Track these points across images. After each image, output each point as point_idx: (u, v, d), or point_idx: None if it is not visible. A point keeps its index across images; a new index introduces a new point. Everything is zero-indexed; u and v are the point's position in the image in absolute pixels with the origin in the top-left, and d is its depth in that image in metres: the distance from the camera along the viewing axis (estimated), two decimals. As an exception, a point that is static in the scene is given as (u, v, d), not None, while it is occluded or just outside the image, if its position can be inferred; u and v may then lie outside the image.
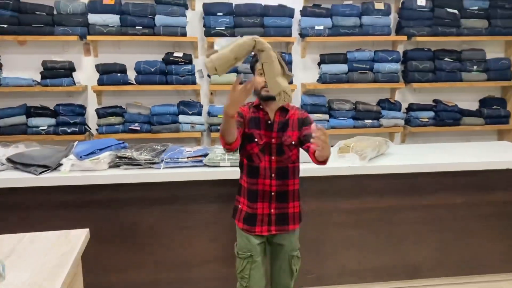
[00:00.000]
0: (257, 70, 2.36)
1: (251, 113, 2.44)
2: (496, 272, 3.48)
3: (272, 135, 2.42)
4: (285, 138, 2.42)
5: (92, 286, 2.57)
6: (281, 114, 2.44)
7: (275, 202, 2.45)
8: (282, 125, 2.43)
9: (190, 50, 4.70)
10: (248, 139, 2.43)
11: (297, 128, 2.45)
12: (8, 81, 4.32)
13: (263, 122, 2.43)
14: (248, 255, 2.47)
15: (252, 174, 2.45)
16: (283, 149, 2.42)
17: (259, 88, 2.36)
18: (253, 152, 2.42)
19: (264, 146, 2.41)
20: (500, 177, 3.33)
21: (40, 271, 1.63)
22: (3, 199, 2.86)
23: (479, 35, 4.86)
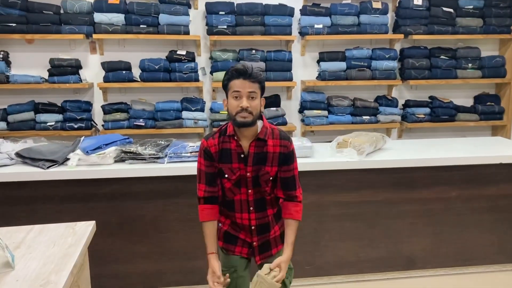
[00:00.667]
0: (230, 91, 2.04)
1: (221, 145, 2.12)
2: (488, 263, 3.55)
3: (247, 169, 2.12)
4: (262, 173, 2.13)
5: (98, 276, 2.66)
6: (257, 145, 2.11)
7: (256, 235, 2.23)
8: (258, 159, 2.12)
9: (193, 48, 4.78)
10: (219, 174, 2.16)
11: (277, 164, 2.14)
12: (16, 78, 4.41)
13: (235, 154, 2.10)
14: (232, 270, 2.27)
15: (228, 207, 2.22)
16: (259, 182, 2.14)
17: (233, 114, 2.03)
18: (226, 187, 2.16)
19: (238, 180, 2.14)
20: (493, 172, 3.40)
21: (48, 262, 1.67)
22: (12, 192, 2.93)
23: (474, 34, 4.94)
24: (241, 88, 2.00)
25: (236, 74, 2.01)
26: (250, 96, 2.01)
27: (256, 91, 2.03)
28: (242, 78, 2.00)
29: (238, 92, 2.01)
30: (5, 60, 4.45)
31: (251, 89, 2.01)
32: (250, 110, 2.00)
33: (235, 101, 2.02)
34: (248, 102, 2.00)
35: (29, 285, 1.51)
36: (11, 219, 2.87)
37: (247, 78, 2.00)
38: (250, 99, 2.01)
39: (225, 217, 2.29)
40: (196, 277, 3.22)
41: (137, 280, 3.19)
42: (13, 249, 1.76)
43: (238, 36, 4.60)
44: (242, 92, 2.00)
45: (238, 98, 2.02)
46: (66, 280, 1.55)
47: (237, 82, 2.01)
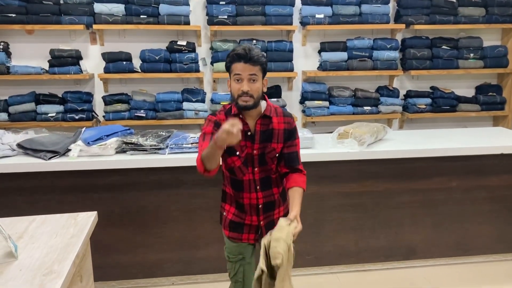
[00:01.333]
0: (232, 74, 2.09)
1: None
2: (489, 253, 3.58)
3: (254, 146, 2.16)
4: (268, 150, 2.18)
5: (100, 266, 2.68)
6: (263, 123, 2.16)
7: (263, 214, 2.26)
8: (265, 136, 2.17)
9: (193, 38, 4.77)
10: (228, 152, 2.15)
11: (282, 140, 2.20)
12: (17, 69, 4.41)
13: (242, 133, 2.04)
14: (240, 257, 2.30)
15: (236, 187, 2.24)
16: (265, 160, 2.19)
17: (235, 96, 2.08)
18: (235, 166, 2.18)
19: (246, 158, 2.17)
20: (494, 162, 3.40)
21: (50, 252, 1.69)
22: (14, 183, 2.94)
23: (476, 23, 4.91)
24: (242, 71, 2.04)
25: (237, 57, 2.04)
26: (251, 79, 2.05)
27: (257, 73, 2.06)
28: (243, 62, 2.03)
29: (239, 75, 2.05)
30: (5, 51, 4.44)
31: (251, 72, 2.04)
32: (251, 93, 2.05)
33: (236, 84, 2.06)
34: (249, 86, 2.04)
35: (32, 275, 1.52)
36: (13, 209, 2.89)
37: (247, 61, 2.03)
38: (251, 82, 2.05)
39: (229, 204, 2.32)
40: (197, 267, 3.25)
41: (139, 270, 3.21)
42: (15, 239, 1.77)
43: (239, 26, 4.58)
44: (243, 75, 2.04)
45: (239, 81, 2.06)
46: (69, 269, 1.57)
47: (238, 65, 2.04)
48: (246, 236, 2.29)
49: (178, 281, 3.25)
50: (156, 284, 3.23)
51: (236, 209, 2.29)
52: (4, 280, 1.49)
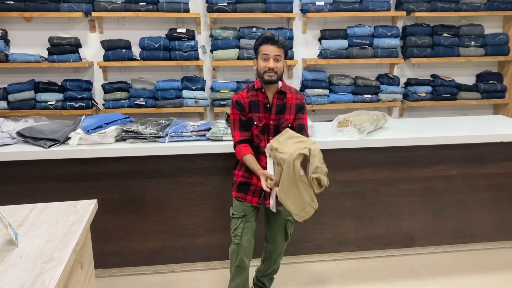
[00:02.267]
0: (260, 54, 2.47)
1: (250, 97, 2.55)
2: (487, 240, 3.60)
3: (271, 117, 2.54)
4: (282, 121, 2.55)
5: (101, 253, 2.71)
6: (279, 97, 2.55)
7: None
8: (280, 108, 2.55)
9: (193, 26, 4.75)
10: (248, 123, 2.55)
11: (294, 112, 2.58)
12: (16, 57, 4.40)
13: (262, 105, 2.54)
14: (242, 214, 2.59)
15: (256, 151, 2.56)
16: (279, 130, 2.52)
17: (262, 72, 2.46)
18: (253, 133, 2.55)
19: (263, 127, 2.55)
20: (494, 150, 3.40)
21: (51, 239, 1.69)
22: (14, 171, 2.95)
23: (477, 10, 4.88)
24: (269, 52, 2.44)
25: (265, 40, 2.45)
26: (276, 58, 2.45)
27: (281, 55, 2.47)
28: (270, 44, 2.44)
29: (267, 55, 2.45)
30: (3, 39, 4.43)
31: (277, 53, 2.44)
32: (276, 70, 2.45)
33: (263, 62, 2.46)
34: (274, 64, 2.44)
35: (32, 262, 1.53)
36: (14, 197, 2.90)
37: (274, 43, 2.43)
38: (276, 61, 2.45)
39: (238, 169, 2.65)
40: (197, 254, 3.27)
41: (139, 258, 3.23)
42: (16, 227, 1.77)
43: (239, 13, 4.56)
44: (270, 55, 2.44)
45: (266, 60, 2.45)
46: (69, 257, 1.57)
47: (266, 47, 2.45)
48: (250, 197, 2.60)
49: (178, 268, 3.28)
50: (156, 271, 3.25)
51: (245, 171, 2.60)
52: (5, 268, 1.50)
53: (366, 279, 3.21)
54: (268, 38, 2.44)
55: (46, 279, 1.43)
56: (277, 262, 2.83)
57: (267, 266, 2.85)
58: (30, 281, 1.42)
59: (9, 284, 1.40)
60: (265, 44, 2.45)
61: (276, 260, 2.81)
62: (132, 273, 3.23)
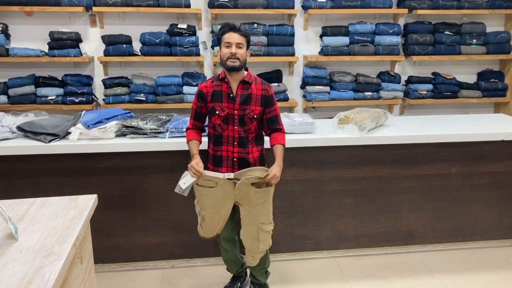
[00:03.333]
0: (223, 42, 2.51)
1: (214, 87, 2.59)
2: (487, 239, 3.60)
3: (235, 107, 2.56)
4: (247, 112, 2.56)
5: (100, 248, 2.70)
6: (243, 87, 2.58)
7: (237, 167, 2.61)
8: (244, 98, 2.56)
9: (194, 21, 4.74)
10: (211, 112, 2.59)
11: (259, 104, 2.59)
12: (16, 52, 4.39)
13: (225, 95, 2.57)
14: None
15: (216, 142, 2.62)
16: (245, 120, 2.57)
17: (225, 59, 2.50)
18: (216, 123, 2.58)
19: (226, 117, 2.56)
20: (494, 149, 3.40)
21: (51, 234, 1.69)
22: (14, 166, 2.95)
23: (479, 8, 4.87)
24: (231, 40, 2.49)
25: (227, 28, 2.51)
26: (238, 46, 2.49)
27: (243, 43, 2.51)
28: (232, 31, 2.49)
29: (229, 43, 2.49)
30: (4, 33, 4.42)
31: (239, 41, 2.49)
32: (238, 56, 2.48)
33: (226, 49, 2.50)
34: (236, 50, 2.48)
35: (32, 256, 1.53)
36: (14, 192, 2.90)
37: (236, 31, 2.50)
38: (238, 48, 2.49)
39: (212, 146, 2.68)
40: (197, 250, 3.27)
41: (138, 253, 3.24)
42: (16, 221, 1.77)
43: (240, 9, 4.55)
44: (232, 42, 2.48)
45: (228, 47, 2.49)
46: (69, 251, 1.57)
47: (228, 35, 2.50)
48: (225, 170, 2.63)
49: (177, 264, 3.28)
50: (155, 266, 3.26)
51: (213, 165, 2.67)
52: (5, 261, 1.50)
53: (365, 276, 3.21)
54: (230, 27, 2.51)
55: (46, 273, 1.43)
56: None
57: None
58: (30, 275, 1.42)
59: (9, 278, 1.40)
60: (228, 33, 2.50)
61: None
62: (132, 269, 3.23)
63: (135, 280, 3.13)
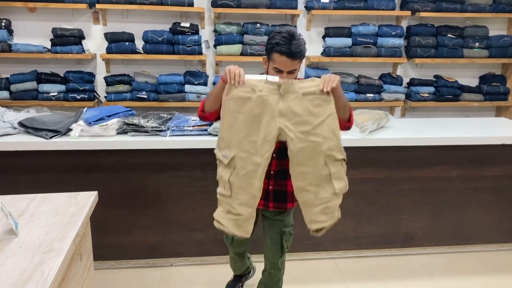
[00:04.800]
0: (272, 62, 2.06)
1: None
2: (486, 242, 3.60)
3: None
4: None
5: (100, 245, 2.70)
6: None
7: (273, 179, 2.27)
8: None
9: (197, 20, 4.74)
10: None
11: None
12: (19, 47, 4.39)
13: None
14: None
15: None
16: None
17: None
18: None
19: None
20: (495, 153, 3.40)
21: (51, 230, 1.70)
22: (15, 161, 2.95)
23: (483, 12, 4.87)
24: (283, 67, 2.03)
25: (282, 48, 1.98)
26: (291, 72, 2.06)
27: (296, 67, 2.07)
28: (286, 56, 2.00)
29: (279, 69, 2.05)
30: (7, 29, 4.41)
31: (292, 68, 2.05)
32: None
33: (275, 73, 2.05)
34: (287, 76, 2.05)
35: (32, 252, 1.53)
36: (14, 187, 2.88)
37: (289, 56, 2.00)
38: (290, 74, 2.06)
39: None
40: (196, 249, 3.27)
41: (138, 251, 3.24)
42: (16, 216, 1.78)
43: (243, 9, 4.55)
44: (283, 70, 2.04)
45: (278, 71, 2.05)
46: (69, 248, 1.58)
47: (279, 58, 2.01)
48: None
49: (177, 263, 3.28)
50: (155, 264, 3.26)
51: None
52: (5, 257, 1.50)
53: (364, 277, 3.21)
54: (282, 51, 1.98)
55: (45, 269, 1.44)
56: (271, 275, 2.55)
57: (265, 280, 2.62)
58: (30, 271, 1.42)
59: (9, 273, 1.41)
60: (279, 54, 2.01)
61: (271, 273, 2.54)
62: (131, 266, 3.24)
63: (134, 278, 3.13)
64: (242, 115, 1.97)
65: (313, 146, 1.98)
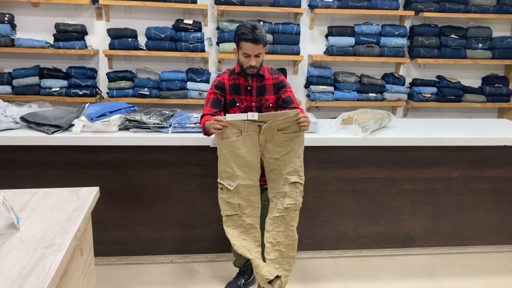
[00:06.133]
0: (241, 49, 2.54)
1: (231, 80, 2.68)
2: (486, 244, 3.59)
3: (252, 99, 2.68)
4: (263, 102, 2.68)
5: (101, 241, 2.71)
6: (258, 80, 2.67)
7: None
8: (260, 90, 2.68)
9: (200, 17, 4.73)
10: (231, 104, 2.69)
11: (273, 92, 2.70)
12: (21, 42, 4.39)
13: (243, 88, 2.67)
14: None
15: None
16: (262, 110, 2.66)
17: (244, 66, 2.58)
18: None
19: (245, 109, 2.66)
20: (497, 154, 3.39)
21: (52, 225, 1.69)
22: (17, 156, 2.95)
23: (486, 13, 4.86)
24: (250, 51, 2.52)
25: (247, 37, 2.48)
26: (257, 55, 2.54)
27: (261, 50, 2.55)
28: (251, 42, 2.48)
29: (247, 54, 2.53)
30: (10, 23, 4.41)
31: (257, 52, 2.53)
32: (256, 66, 2.57)
33: (245, 59, 2.55)
34: (255, 60, 2.54)
35: (33, 246, 1.53)
36: (16, 182, 2.89)
37: (254, 42, 2.48)
38: (256, 57, 2.54)
39: None
40: (196, 246, 3.28)
41: (138, 247, 3.24)
42: (18, 211, 1.78)
43: (246, 6, 4.54)
44: (251, 54, 2.52)
45: (247, 57, 2.53)
46: (70, 243, 1.57)
47: (246, 45, 2.50)
48: None
49: (177, 259, 3.28)
50: (155, 261, 3.26)
51: None
52: (6, 251, 1.50)
53: (363, 277, 3.21)
54: (250, 39, 2.47)
55: (46, 263, 1.44)
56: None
57: None
58: (31, 265, 1.42)
59: (10, 267, 1.41)
60: (245, 42, 2.50)
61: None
62: (131, 262, 3.24)
63: (134, 274, 3.13)
64: (234, 153, 2.50)
65: (279, 169, 2.56)
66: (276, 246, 2.56)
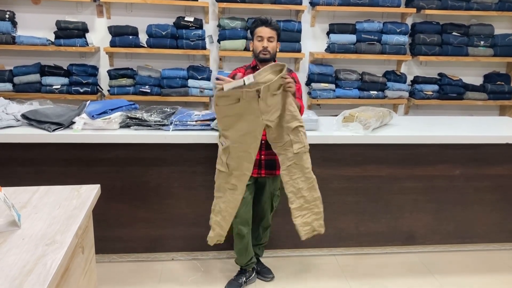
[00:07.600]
0: (255, 36, 2.73)
1: (246, 74, 2.63)
2: (488, 241, 3.60)
3: None
4: None
5: (102, 239, 2.70)
6: None
7: (264, 150, 2.75)
8: None
9: (201, 15, 4.72)
10: None
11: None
12: (22, 40, 4.38)
13: None
14: None
15: None
16: None
17: (257, 52, 2.72)
18: None
19: None
20: (499, 152, 3.39)
21: (53, 222, 1.70)
22: (18, 154, 2.96)
23: (488, 10, 4.83)
24: (263, 34, 2.71)
25: (260, 22, 2.73)
26: (269, 39, 2.72)
27: (274, 36, 2.74)
28: (264, 26, 2.71)
29: (261, 37, 2.71)
30: (11, 21, 4.41)
31: (270, 35, 2.72)
32: (269, 49, 2.72)
33: (258, 43, 2.73)
34: (268, 44, 2.71)
35: (35, 244, 1.54)
36: (17, 179, 2.88)
37: (268, 26, 2.71)
38: (269, 42, 2.72)
39: None
40: (197, 243, 3.27)
41: (139, 244, 3.24)
42: (19, 208, 1.78)
43: (247, 4, 4.53)
44: (264, 36, 2.71)
45: (260, 40, 2.72)
46: (71, 240, 1.58)
47: (260, 29, 2.72)
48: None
49: (178, 257, 3.29)
50: (156, 258, 3.27)
51: None
52: (7, 248, 1.50)
53: (364, 275, 3.21)
54: (262, 21, 2.72)
55: (48, 261, 1.44)
56: (265, 231, 3.09)
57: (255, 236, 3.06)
58: (32, 263, 1.42)
59: (11, 265, 1.41)
60: (260, 27, 2.72)
61: (264, 227, 3.07)
62: (132, 260, 3.24)
63: (135, 272, 3.14)
64: (232, 118, 2.50)
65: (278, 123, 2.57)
66: (298, 194, 2.67)
